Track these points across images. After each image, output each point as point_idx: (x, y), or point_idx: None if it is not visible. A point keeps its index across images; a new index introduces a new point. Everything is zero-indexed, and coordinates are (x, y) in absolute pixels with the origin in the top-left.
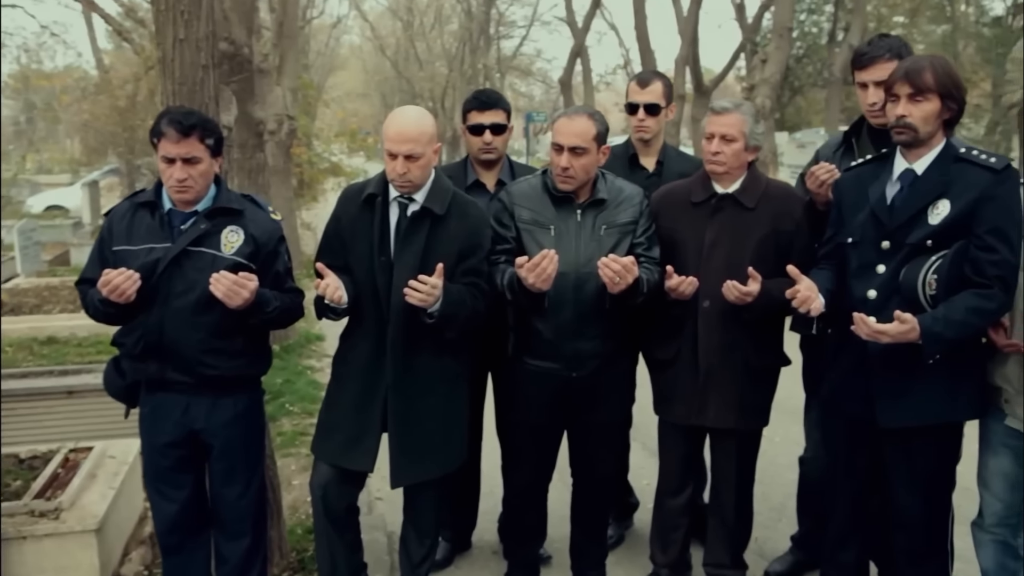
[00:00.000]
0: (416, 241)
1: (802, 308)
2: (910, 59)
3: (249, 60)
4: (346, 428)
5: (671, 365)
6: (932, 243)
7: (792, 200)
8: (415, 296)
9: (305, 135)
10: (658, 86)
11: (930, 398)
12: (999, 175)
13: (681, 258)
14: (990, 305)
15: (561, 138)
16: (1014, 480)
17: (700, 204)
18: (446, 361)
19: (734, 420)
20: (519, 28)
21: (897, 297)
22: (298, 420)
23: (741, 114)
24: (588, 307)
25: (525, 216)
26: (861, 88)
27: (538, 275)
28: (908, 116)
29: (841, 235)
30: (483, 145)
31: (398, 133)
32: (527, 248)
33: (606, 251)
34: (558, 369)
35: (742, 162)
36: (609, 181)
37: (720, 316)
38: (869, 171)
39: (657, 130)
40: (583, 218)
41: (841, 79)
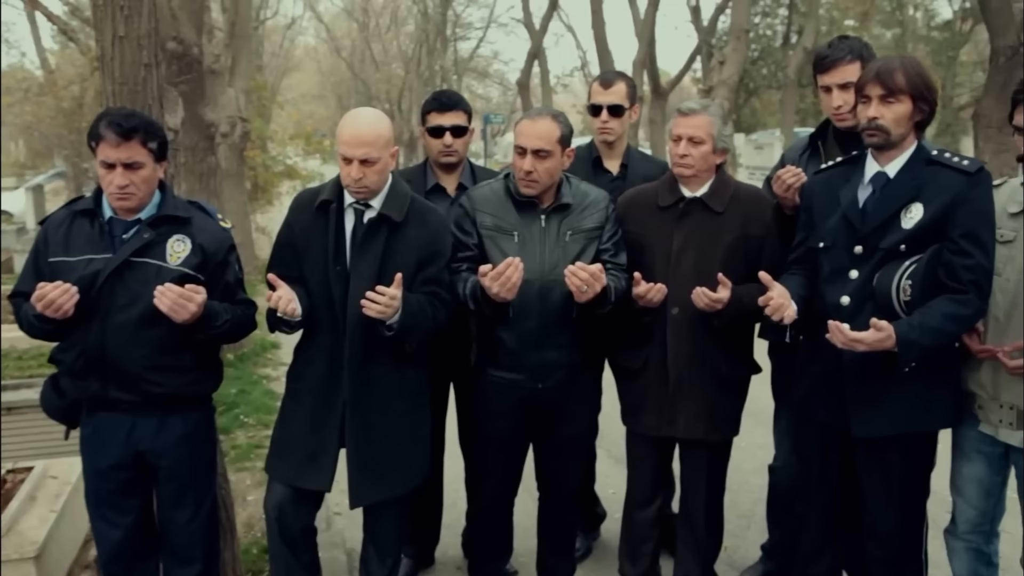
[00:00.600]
0: (373, 249)
1: (775, 316)
2: (881, 60)
3: (199, 60)
4: (302, 446)
5: (640, 374)
6: (906, 248)
7: (761, 204)
8: (373, 308)
9: (259, 137)
10: (622, 87)
11: (905, 407)
12: (972, 178)
13: (649, 264)
14: (966, 311)
15: (524, 140)
16: (988, 487)
17: (668, 208)
18: (406, 374)
19: (704, 430)
20: (476, 30)
21: (871, 303)
22: (253, 432)
23: (709, 115)
24: (554, 316)
25: (487, 222)
26: (824, 92)
27: (502, 284)
28: (880, 118)
29: (812, 240)
30: (443, 148)
31: (353, 136)
32: (490, 255)
33: (572, 258)
34: (523, 381)
35: (710, 165)
36: (574, 185)
37: (689, 324)
38: (839, 174)
39: (621, 132)
40: (547, 223)
41: (795, 81)
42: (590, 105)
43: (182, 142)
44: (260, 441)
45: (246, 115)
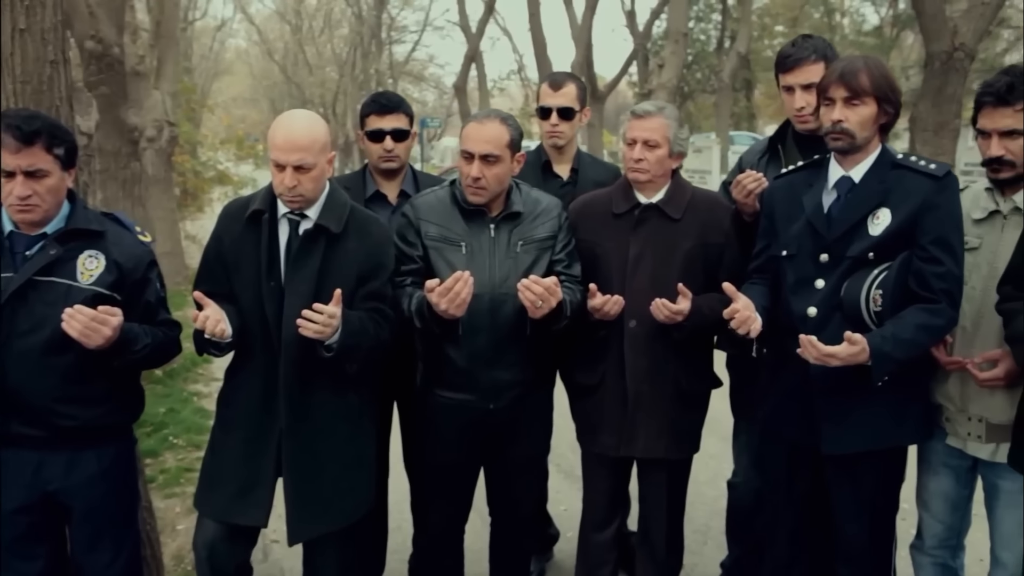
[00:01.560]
0: (310, 263)
1: (741, 330)
2: (845, 60)
3: (120, 61)
4: (234, 478)
5: (595, 391)
6: (874, 255)
7: (720, 210)
8: (310, 327)
9: (188, 142)
10: (571, 88)
11: (876, 422)
12: (940, 182)
13: (604, 274)
14: (938, 321)
15: (471, 145)
16: (955, 500)
17: (622, 216)
18: (348, 398)
19: (665, 449)
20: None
21: (839, 314)
22: (183, 454)
23: (665, 118)
24: (505, 332)
25: (432, 232)
26: (786, 92)
27: (451, 300)
28: (844, 121)
29: (774, 248)
30: (383, 153)
31: (286, 141)
32: (436, 268)
33: (523, 269)
34: (473, 401)
35: (666, 170)
36: (524, 192)
37: (648, 337)
38: (801, 179)
39: (571, 135)
40: (497, 233)
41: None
42: (539, 108)
43: (102, 147)
44: (191, 464)
45: (174, 119)
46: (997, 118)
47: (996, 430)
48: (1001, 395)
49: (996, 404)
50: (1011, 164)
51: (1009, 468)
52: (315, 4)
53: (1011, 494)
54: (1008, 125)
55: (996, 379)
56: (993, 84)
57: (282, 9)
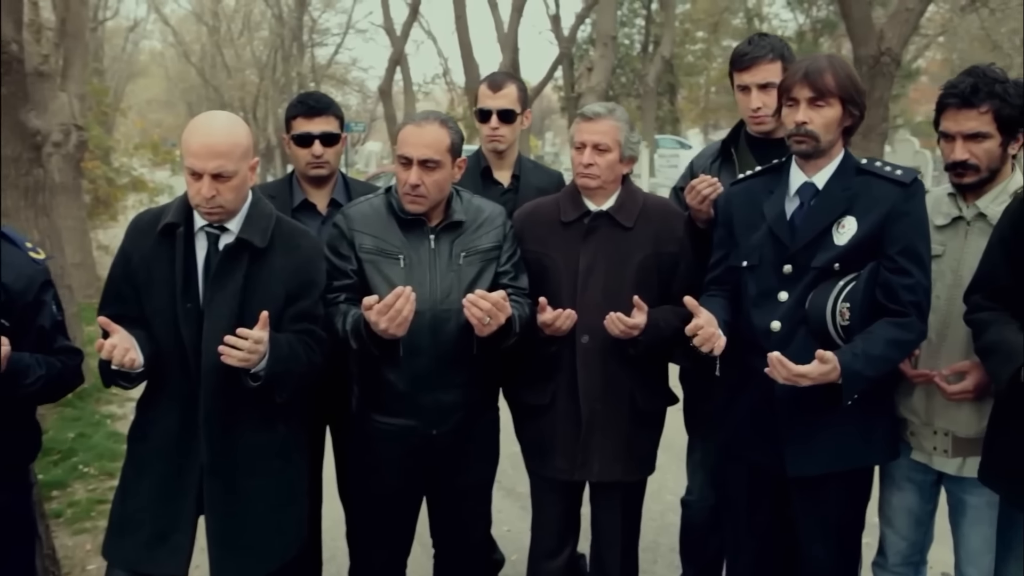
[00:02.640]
0: (232, 282)
1: (704, 347)
2: (808, 59)
3: (20, 59)
4: (149, 522)
5: (546, 412)
6: (840, 266)
7: (673, 217)
8: (233, 355)
9: (99, 147)
10: (512, 89)
11: (843, 441)
12: (908, 189)
13: (553, 287)
14: (909, 336)
15: (409, 149)
16: (919, 516)
17: (571, 224)
18: (276, 430)
19: (622, 471)
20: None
21: (803, 328)
22: (95, 484)
23: (615, 120)
24: (449, 351)
25: (367, 244)
26: (741, 92)
27: (391, 319)
28: (809, 123)
29: (734, 258)
30: (312, 159)
31: (203, 146)
32: (372, 283)
33: (467, 283)
34: (415, 426)
35: (617, 175)
36: (466, 200)
37: (601, 353)
38: (760, 185)
39: (512, 139)
40: (438, 244)
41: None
42: (478, 110)
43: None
44: (103, 495)
45: (82, 123)
46: (961, 120)
47: (963, 444)
48: (968, 408)
49: (963, 417)
50: (975, 168)
51: (976, 483)
52: (233, 5)
53: (978, 509)
54: (972, 128)
55: (965, 392)
56: (957, 85)
57: (198, 10)
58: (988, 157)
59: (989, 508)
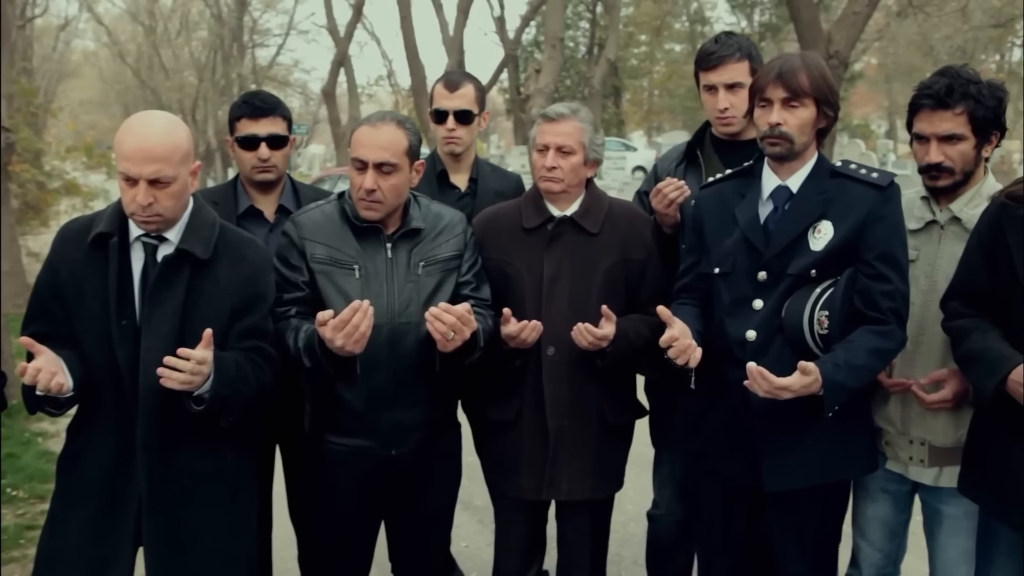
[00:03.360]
0: (171, 297)
1: (680, 360)
2: (782, 58)
3: None
4: (82, 560)
5: (511, 428)
6: (816, 272)
7: (640, 222)
8: (174, 377)
9: (29, 150)
10: (470, 89)
11: (822, 454)
12: (885, 192)
13: (516, 297)
14: (890, 344)
15: (364, 152)
16: (893, 527)
17: (534, 231)
18: (223, 457)
19: (591, 489)
20: (275, 37)
21: (780, 337)
22: (25, 508)
23: (579, 121)
24: (408, 367)
25: (320, 254)
26: (708, 92)
27: (348, 335)
28: (783, 124)
29: (705, 264)
30: (258, 162)
31: (139, 149)
32: (325, 296)
33: (426, 295)
34: (372, 448)
35: (581, 179)
36: (424, 206)
37: (569, 366)
38: (731, 189)
39: (470, 141)
40: (395, 254)
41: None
42: (433, 110)
43: None
44: (34, 519)
45: (10, 124)
46: (936, 122)
47: (939, 453)
48: (945, 417)
49: (939, 426)
50: (950, 171)
51: (953, 493)
52: (170, 5)
53: (955, 520)
54: (948, 129)
55: (944, 401)
56: (931, 86)
57: (134, 9)
58: (963, 159)
59: (966, 518)
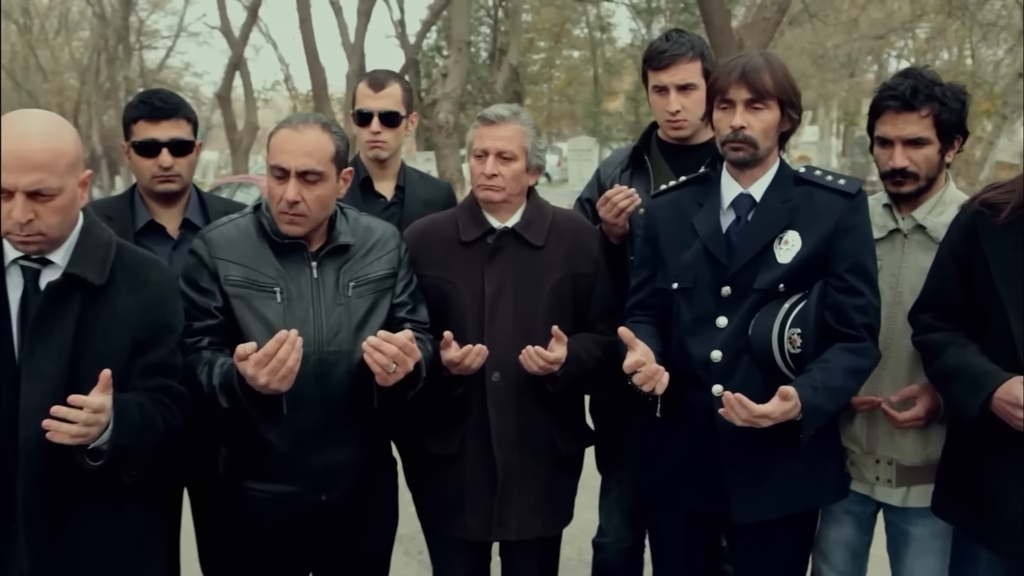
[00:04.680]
0: (59, 331)
1: (646, 386)
2: (743, 57)
3: None
4: None
5: (453, 463)
6: (785, 286)
7: (587, 234)
8: (64, 430)
9: None
10: (396, 89)
11: (794, 483)
12: (854, 200)
13: (456, 318)
14: (867, 363)
15: (285, 159)
16: (856, 549)
17: (473, 244)
18: (125, 516)
19: (542, 526)
20: (164, 38)
21: (747, 357)
22: None
23: (521, 125)
24: (339, 401)
25: (235, 275)
26: (658, 93)
27: (273, 371)
28: (747, 128)
29: (661, 279)
30: (159, 171)
31: (14, 156)
32: (242, 323)
33: (358, 319)
34: (299, 493)
35: (523, 187)
36: (352, 219)
37: (515, 392)
38: (688, 197)
39: (396, 146)
40: (321, 273)
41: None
42: (356, 112)
43: None
44: None
45: None
46: (901, 124)
47: (907, 473)
48: (913, 435)
49: (908, 445)
50: (914, 176)
51: (921, 513)
52: (47, 3)
53: (922, 541)
54: (913, 132)
55: (916, 419)
56: (896, 87)
57: (6, 6)
58: (927, 164)
59: (934, 539)
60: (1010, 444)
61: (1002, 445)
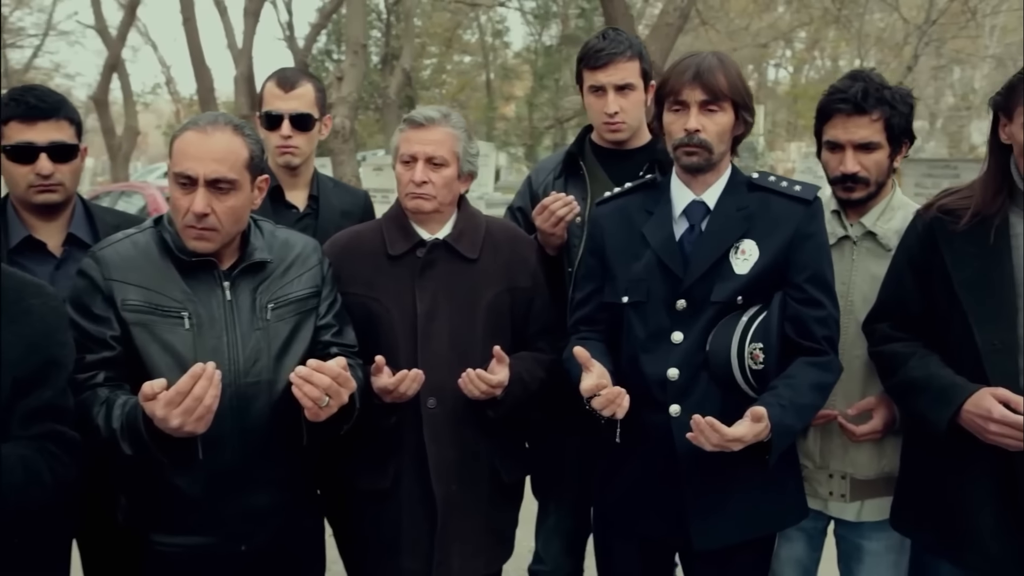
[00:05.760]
0: None
1: (607, 411)
2: (695, 57)
3: None
4: None
5: (387, 499)
6: (743, 299)
7: (524, 245)
8: None
9: None
10: (308, 89)
11: (757, 505)
12: (811, 207)
13: (387, 340)
14: (831, 377)
15: (191, 165)
16: (807, 566)
17: (402, 258)
18: None
19: (485, 563)
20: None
21: (705, 374)
22: None
23: (452, 128)
24: (260, 438)
25: (134, 299)
26: (594, 94)
27: (188, 411)
28: (702, 131)
29: (610, 292)
30: (37, 179)
31: None
32: (144, 355)
33: (279, 345)
34: (215, 544)
35: (454, 195)
36: (267, 232)
37: (453, 419)
38: (637, 204)
39: (309, 152)
40: (235, 294)
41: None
42: (264, 114)
43: None
44: None
45: None
46: (852, 128)
47: (861, 486)
48: (868, 448)
49: (863, 458)
50: (865, 182)
51: (876, 527)
52: None
53: (876, 555)
54: (864, 137)
55: (874, 433)
56: (847, 90)
57: None
58: (878, 169)
59: (888, 552)
60: (978, 458)
61: (969, 459)
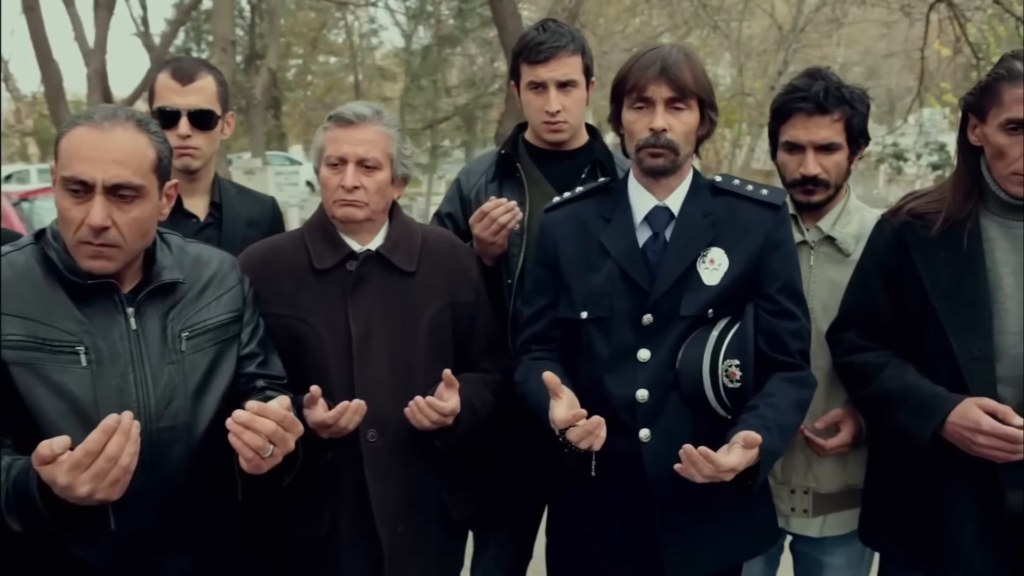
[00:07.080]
0: None
1: (584, 443)
2: (658, 50)
3: None
4: None
5: (325, 545)
6: (713, 312)
7: (463, 255)
8: None
9: None
10: (209, 82)
11: (732, 534)
12: (780, 213)
13: (317, 365)
14: (809, 394)
15: (87, 168)
16: None
17: (330, 272)
18: None
19: None
20: None
21: (675, 394)
22: None
23: (384, 127)
24: (178, 493)
25: (13, 333)
26: (533, 90)
27: (99, 475)
28: (669, 130)
29: (565, 307)
30: None
31: None
32: (30, 402)
33: (197, 381)
34: None
35: (388, 201)
36: (176, 248)
37: (397, 452)
38: (592, 210)
39: (210, 153)
40: (141, 323)
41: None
42: (158, 110)
43: None
44: None
45: None
46: (813, 129)
47: (824, 501)
48: (832, 462)
49: (826, 473)
50: (825, 184)
51: (837, 542)
52: None
53: (837, 570)
54: (826, 137)
55: (843, 446)
56: (807, 89)
57: None
58: (837, 171)
59: (849, 567)
60: (959, 471)
61: (949, 471)
